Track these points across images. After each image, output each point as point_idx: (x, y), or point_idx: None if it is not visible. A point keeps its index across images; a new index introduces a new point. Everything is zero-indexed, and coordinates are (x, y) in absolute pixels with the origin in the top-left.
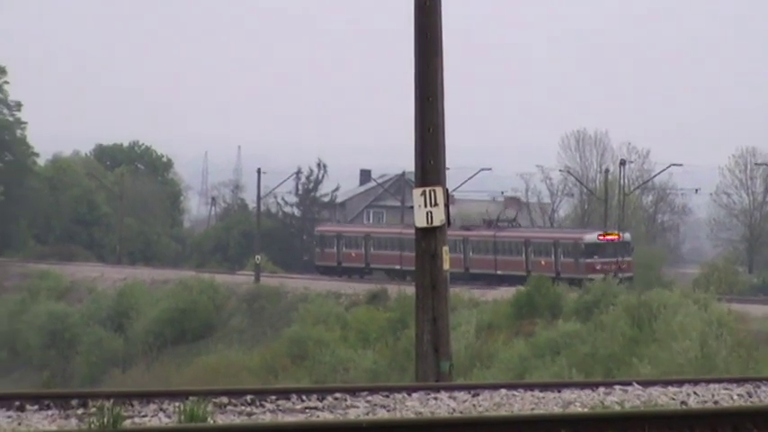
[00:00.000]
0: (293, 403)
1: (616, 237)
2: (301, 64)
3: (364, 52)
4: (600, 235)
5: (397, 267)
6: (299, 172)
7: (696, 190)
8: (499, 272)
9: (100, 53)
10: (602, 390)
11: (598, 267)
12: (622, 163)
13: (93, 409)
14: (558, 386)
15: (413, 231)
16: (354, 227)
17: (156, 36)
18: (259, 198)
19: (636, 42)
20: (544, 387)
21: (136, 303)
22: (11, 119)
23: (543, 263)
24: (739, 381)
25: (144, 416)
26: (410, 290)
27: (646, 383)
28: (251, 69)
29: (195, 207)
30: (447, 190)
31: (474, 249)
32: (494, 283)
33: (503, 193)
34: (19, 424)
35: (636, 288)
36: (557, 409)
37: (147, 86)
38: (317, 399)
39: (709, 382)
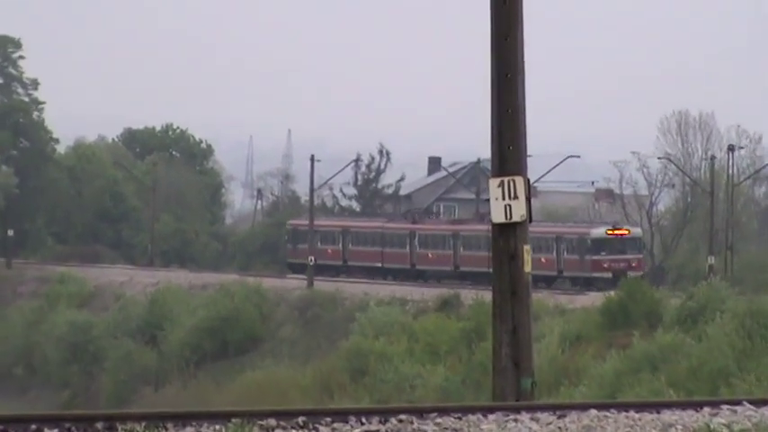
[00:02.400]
0: (351, 426)
1: (626, 232)
2: (359, 40)
3: (434, 25)
4: (608, 230)
5: (379, 265)
6: (357, 160)
7: None
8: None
9: (128, 21)
10: (707, 410)
11: (606, 265)
12: (731, 149)
13: None
14: (657, 406)
15: (396, 225)
16: (330, 220)
17: (196, 9)
18: (312, 190)
19: (748, 12)
20: (641, 407)
21: (170, 312)
22: (26, 99)
23: (544, 260)
24: None
25: None
26: (487, 295)
27: (758, 403)
28: (301, 48)
29: (239, 200)
30: (528, 180)
31: (465, 245)
32: (486, 282)
33: (593, 183)
34: None
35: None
36: None
37: (186, 65)
38: (379, 421)
39: None
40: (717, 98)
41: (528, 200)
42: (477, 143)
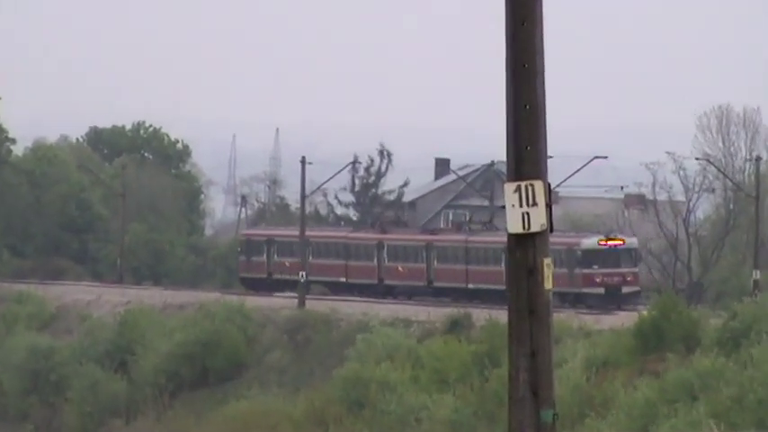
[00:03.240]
0: None
1: (621, 242)
2: (357, 34)
3: (441, 11)
4: (600, 240)
5: (342, 280)
6: (355, 162)
7: None
8: (471, 285)
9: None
10: None
11: (598, 280)
12: None
13: None
14: None
15: (361, 235)
16: (288, 230)
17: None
18: (303, 196)
19: None
20: None
21: (142, 335)
22: None
23: None
24: None
25: None
26: (501, 315)
27: None
28: (291, 43)
29: (220, 208)
30: (549, 185)
31: (440, 258)
32: (463, 298)
33: (622, 188)
34: None
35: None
36: None
37: (158, 58)
38: None
39: None
40: (763, 92)
41: (548, 207)
42: (490, 143)
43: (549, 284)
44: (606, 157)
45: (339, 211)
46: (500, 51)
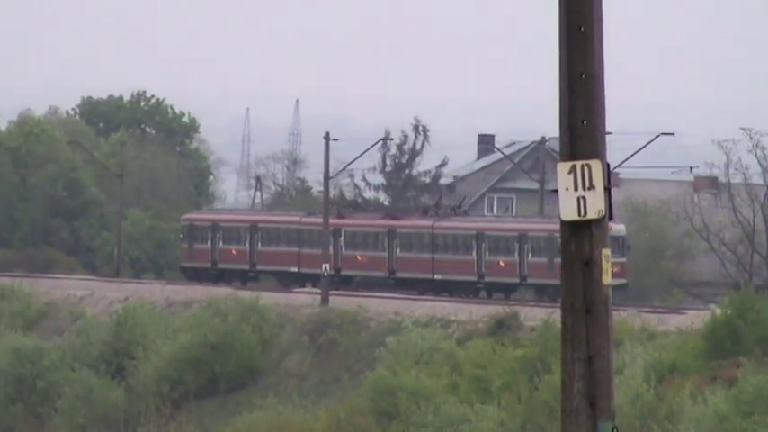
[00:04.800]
0: None
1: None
2: None
3: None
4: None
5: (294, 270)
6: (386, 138)
7: None
8: (438, 276)
9: None
10: None
11: None
12: None
13: None
14: None
15: (316, 221)
16: (235, 214)
17: None
18: (327, 178)
19: None
20: None
21: (142, 336)
22: None
23: (503, 264)
24: None
25: None
26: (549, 313)
27: None
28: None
29: (232, 191)
30: (608, 165)
31: (403, 246)
32: (429, 290)
33: (691, 169)
34: None
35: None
36: None
37: (161, 21)
38: None
39: None
40: None
41: (607, 190)
42: (540, 117)
43: (607, 279)
44: (673, 134)
45: (368, 194)
46: (552, 14)
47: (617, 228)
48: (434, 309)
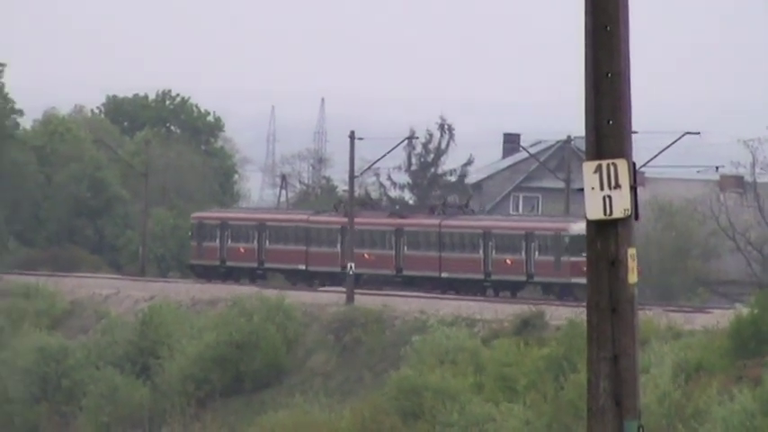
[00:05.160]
0: None
1: None
2: None
3: None
4: None
5: (302, 268)
6: (412, 137)
7: None
8: (445, 274)
9: None
10: None
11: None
12: None
13: None
14: None
15: (324, 219)
16: (244, 213)
17: None
18: (352, 177)
19: None
20: None
21: (168, 335)
22: None
23: (509, 262)
24: None
25: None
26: (577, 312)
27: None
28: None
29: (257, 189)
30: (634, 164)
31: (410, 244)
32: (437, 288)
33: (717, 168)
34: None
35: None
36: None
37: (186, 20)
38: None
39: None
40: None
41: (633, 189)
42: (565, 117)
43: (633, 278)
44: (699, 133)
45: (393, 193)
46: (578, 13)
47: None
48: (460, 308)
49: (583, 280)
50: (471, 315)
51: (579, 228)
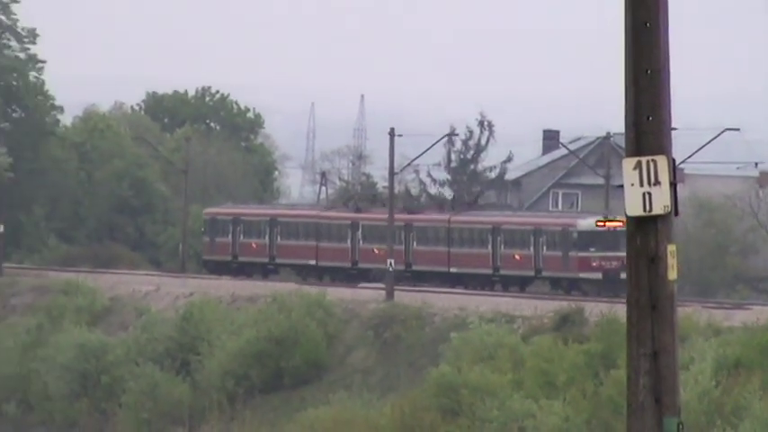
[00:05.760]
0: None
1: (620, 224)
2: None
3: None
4: (598, 221)
5: (312, 263)
6: (452, 134)
7: None
8: (454, 269)
9: None
10: None
11: (595, 264)
12: None
13: None
14: None
15: (334, 215)
16: (255, 208)
17: None
18: (392, 173)
19: None
20: None
21: (208, 331)
22: (21, 55)
23: (518, 257)
24: None
25: None
26: (618, 310)
27: None
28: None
29: (297, 186)
30: (674, 160)
31: (420, 239)
32: (446, 283)
33: (756, 165)
34: None
35: None
36: None
37: (225, 17)
38: None
39: None
40: None
41: (673, 186)
42: (605, 113)
43: (673, 275)
44: (738, 130)
45: (433, 189)
46: (618, 9)
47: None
48: (499, 304)
49: (590, 275)
50: (511, 312)
51: (587, 224)
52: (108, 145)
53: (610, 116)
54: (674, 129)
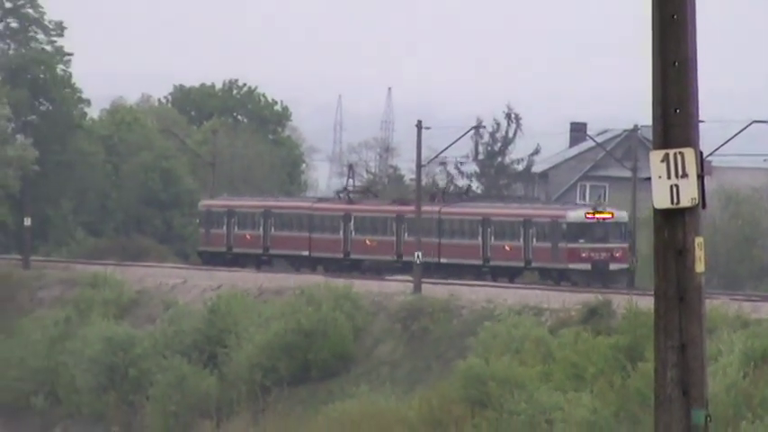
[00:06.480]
0: None
1: (610, 215)
2: None
3: None
4: (588, 213)
5: (306, 254)
6: (479, 126)
7: None
8: (444, 260)
9: None
10: None
11: (584, 255)
12: None
13: None
14: None
15: (327, 206)
16: (249, 200)
17: None
18: (419, 166)
19: None
20: None
21: (235, 324)
22: (49, 48)
23: (508, 248)
24: None
25: None
26: (644, 302)
27: None
28: None
29: (324, 178)
30: (701, 153)
31: (411, 230)
32: (435, 274)
33: None
34: None
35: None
36: None
37: (251, 9)
38: None
39: None
40: None
41: (701, 178)
42: (634, 106)
43: (701, 267)
44: (766, 122)
45: (460, 182)
46: (646, 2)
47: (619, 214)
48: (527, 297)
49: (579, 266)
50: (539, 304)
51: (576, 215)
52: (135, 138)
53: (637, 108)
54: (702, 121)
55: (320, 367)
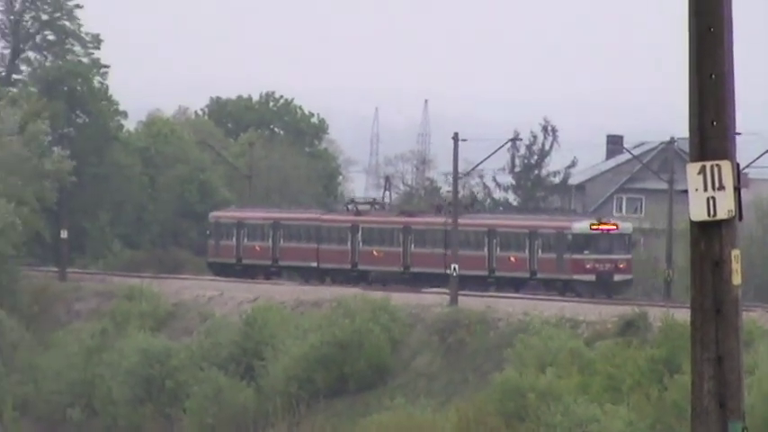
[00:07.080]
0: None
1: (614, 227)
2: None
3: None
4: (593, 224)
5: (314, 265)
6: (515, 139)
7: None
8: (449, 270)
9: None
10: None
11: (588, 266)
12: None
13: None
14: None
15: (334, 218)
16: (258, 211)
17: None
18: (456, 178)
19: None
20: None
21: (272, 336)
22: (85, 60)
23: (513, 259)
24: None
25: None
26: (681, 314)
27: None
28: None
29: (361, 191)
30: (738, 165)
31: (417, 241)
32: (441, 285)
33: None
34: None
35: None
36: None
37: (289, 22)
38: None
39: None
40: None
41: (737, 191)
42: (669, 118)
43: (737, 279)
44: None
45: (497, 194)
46: (683, 14)
47: (624, 226)
48: (563, 309)
49: (584, 277)
50: (575, 316)
51: (581, 226)
52: (172, 150)
53: (674, 121)
54: (738, 133)
55: (357, 379)
